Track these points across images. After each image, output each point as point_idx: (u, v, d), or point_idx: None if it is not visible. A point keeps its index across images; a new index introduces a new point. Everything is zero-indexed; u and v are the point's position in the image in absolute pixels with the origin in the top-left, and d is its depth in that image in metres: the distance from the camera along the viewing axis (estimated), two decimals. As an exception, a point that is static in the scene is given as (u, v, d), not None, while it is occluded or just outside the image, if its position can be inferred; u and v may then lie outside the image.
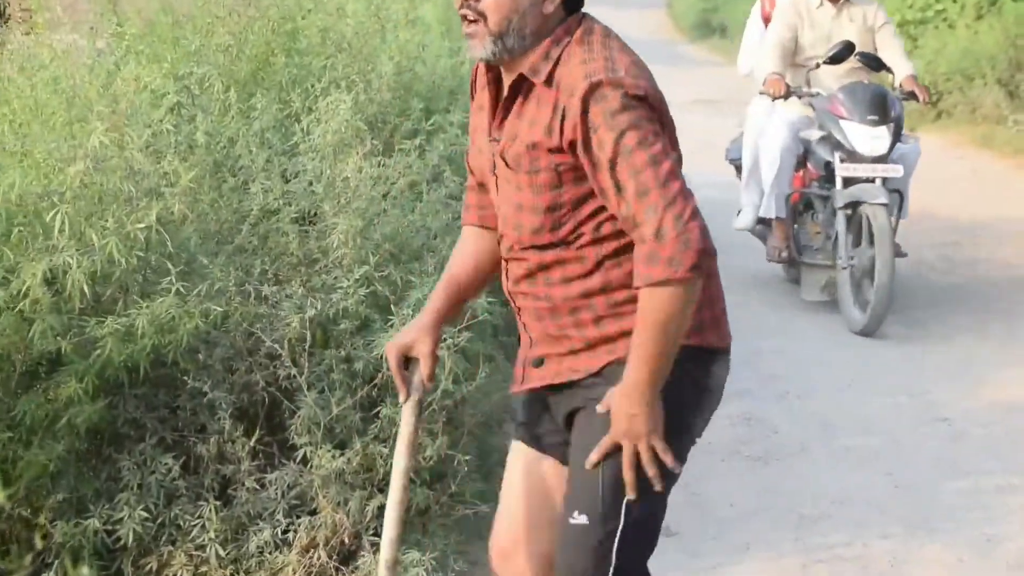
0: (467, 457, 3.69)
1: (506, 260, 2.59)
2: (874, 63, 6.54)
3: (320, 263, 3.86)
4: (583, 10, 2.53)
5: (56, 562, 3.30)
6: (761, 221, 6.92)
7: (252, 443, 3.55)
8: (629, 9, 33.01)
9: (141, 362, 3.33)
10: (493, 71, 2.55)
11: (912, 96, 6.53)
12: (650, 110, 2.41)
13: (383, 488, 3.56)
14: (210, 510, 3.41)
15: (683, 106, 14.53)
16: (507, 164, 2.48)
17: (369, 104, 4.76)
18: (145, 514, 3.35)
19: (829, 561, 3.94)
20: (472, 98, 2.69)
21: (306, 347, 3.58)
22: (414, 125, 4.86)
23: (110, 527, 3.34)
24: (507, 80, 2.50)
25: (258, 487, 3.53)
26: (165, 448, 3.50)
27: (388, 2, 6.51)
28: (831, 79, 6.52)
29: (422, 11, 7.11)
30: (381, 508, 3.43)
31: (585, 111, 2.37)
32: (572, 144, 2.39)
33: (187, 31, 4.96)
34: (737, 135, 7.47)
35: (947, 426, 4.98)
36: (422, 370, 2.61)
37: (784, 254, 6.71)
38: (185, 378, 3.51)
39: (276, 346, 3.56)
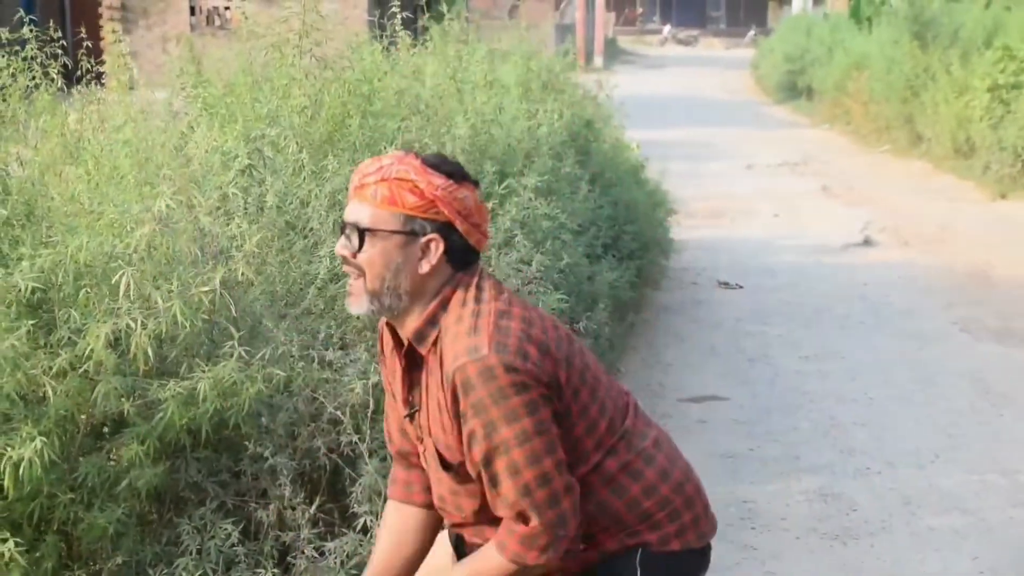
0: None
1: (457, 531, 2.50)
2: None
3: (386, 328, 3.81)
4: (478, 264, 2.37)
5: (113, 627, 3.26)
6: None
7: (313, 510, 3.50)
8: (714, 68, 33.10)
9: (203, 426, 3.29)
10: (396, 336, 2.40)
11: None
12: (530, 388, 2.22)
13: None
14: (268, 577, 3.35)
15: (769, 169, 14.49)
16: (437, 452, 2.36)
17: (442, 167, 4.73)
18: (203, 580, 3.30)
19: (909, 648, 3.79)
20: (382, 356, 2.53)
21: (369, 413, 3.53)
22: (487, 188, 4.82)
23: (168, 592, 3.30)
24: (401, 346, 2.39)
25: (317, 555, 3.47)
26: (225, 513, 3.45)
27: (466, 64, 6.52)
28: None
29: (501, 72, 7.11)
30: (441, 581, 3.35)
31: (455, 401, 2.24)
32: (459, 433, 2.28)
33: (264, 92, 4.99)
34: None
35: (1037, 508, 4.78)
36: None
37: None
38: (247, 443, 3.48)
39: (339, 412, 3.52)
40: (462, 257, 2.33)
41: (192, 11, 22.14)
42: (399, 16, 6.07)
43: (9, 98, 4.25)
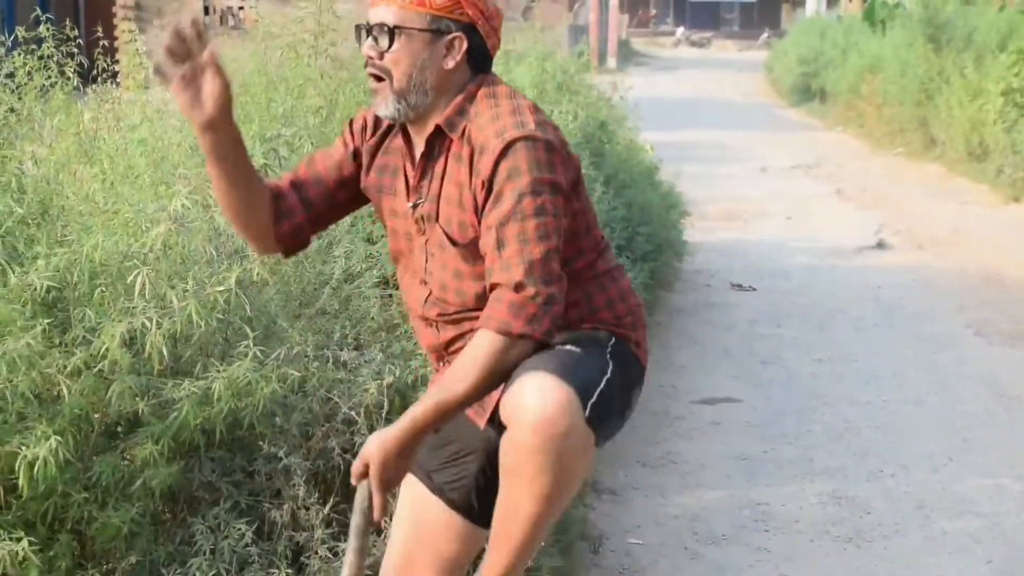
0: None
1: (434, 321, 2.61)
2: None
3: (400, 328, 3.82)
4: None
5: (127, 626, 3.26)
6: None
7: (327, 510, 3.49)
8: (727, 71, 33.05)
9: (218, 425, 3.30)
10: (403, 132, 2.59)
11: None
12: (560, 170, 2.42)
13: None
14: (282, 577, 3.35)
15: (782, 171, 14.46)
16: (445, 233, 2.51)
17: (455, 167, 4.73)
18: (217, 580, 3.30)
19: (923, 652, 3.78)
20: (352, 138, 2.69)
21: (383, 414, 3.53)
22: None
23: (182, 592, 3.30)
24: (419, 138, 2.55)
25: (331, 556, 3.46)
26: (239, 513, 3.45)
27: (481, 65, 6.51)
28: None
29: (516, 74, 7.10)
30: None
31: (495, 169, 2.39)
32: (484, 203, 2.43)
33: (279, 92, 4.99)
34: None
35: (1052, 513, 4.76)
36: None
37: None
38: (261, 443, 3.48)
39: (353, 412, 3.52)
40: (480, 59, 2.53)
41: (206, 11, 22.18)
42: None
43: (25, 97, 4.26)
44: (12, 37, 4.51)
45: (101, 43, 4.79)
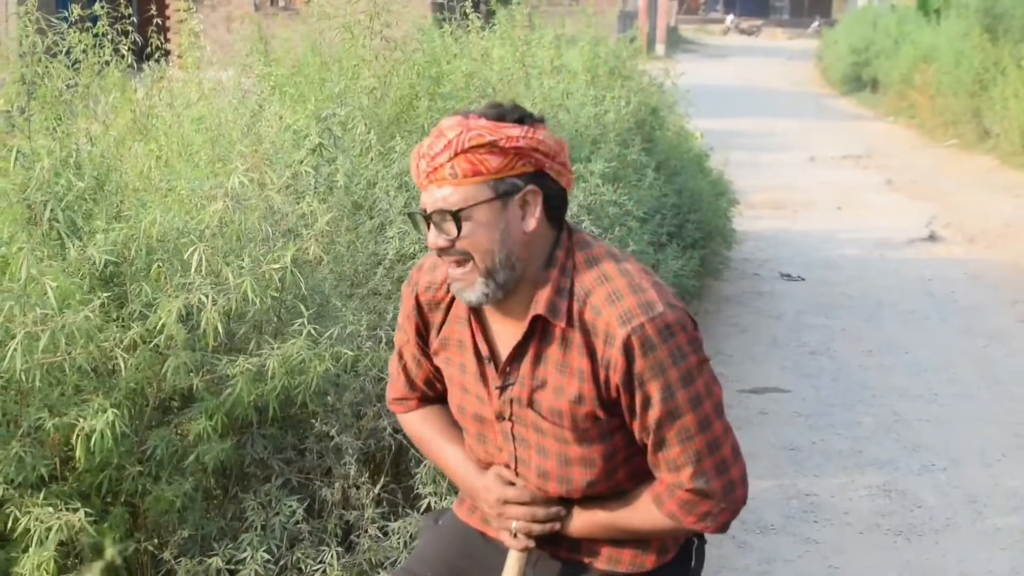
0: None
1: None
2: None
3: (453, 310, 3.81)
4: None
5: (178, 599, 3.29)
6: None
7: (377, 490, 3.50)
8: (777, 59, 32.80)
9: (271, 402, 3.31)
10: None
11: None
12: (700, 347, 2.14)
13: (506, 544, 3.47)
14: (332, 555, 3.36)
15: (832, 161, 14.33)
16: (542, 416, 2.23)
17: (510, 150, 4.71)
18: (267, 556, 3.31)
19: (974, 647, 3.73)
20: (419, 312, 2.38)
21: (434, 395, 3.52)
22: (554, 173, 4.79)
23: (232, 567, 3.31)
24: (499, 312, 2.24)
25: (381, 535, 3.47)
26: (290, 490, 3.47)
27: (533, 48, 6.49)
28: None
29: (567, 58, 7.07)
30: (503, 565, 3.34)
31: (630, 363, 2.10)
32: (618, 398, 2.15)
33: (333, 73, 4.99)
34: None
35: (1106, 509, 4.69)
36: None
37: None
38: (313, 421, 3.49)
39: (405, 393, 3.51)
40: (558, 204, 2.19)
41: (257, -8, 22.26)
42: (468, -1, 6.06)
43: (81, 75, 4.28)
44: (68, 15, 4.54)
45: (155, 21, 4.81)
